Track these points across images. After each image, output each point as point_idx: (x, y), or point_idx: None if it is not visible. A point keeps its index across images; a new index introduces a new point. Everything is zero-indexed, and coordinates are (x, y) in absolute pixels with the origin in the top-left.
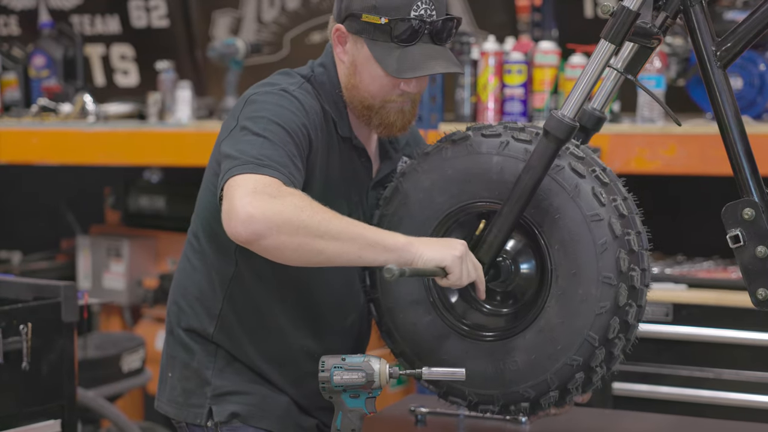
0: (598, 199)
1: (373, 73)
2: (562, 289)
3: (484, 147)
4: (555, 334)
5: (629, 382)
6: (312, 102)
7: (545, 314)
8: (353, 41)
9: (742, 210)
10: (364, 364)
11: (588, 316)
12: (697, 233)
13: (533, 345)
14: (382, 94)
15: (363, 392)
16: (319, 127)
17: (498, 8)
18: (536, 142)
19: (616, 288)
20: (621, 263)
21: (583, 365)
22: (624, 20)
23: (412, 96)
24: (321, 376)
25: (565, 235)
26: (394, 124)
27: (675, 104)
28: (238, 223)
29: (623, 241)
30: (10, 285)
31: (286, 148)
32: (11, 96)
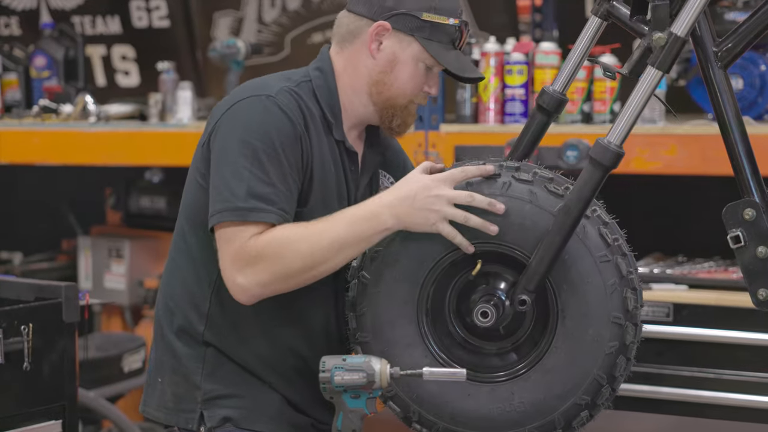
0: (604, 239)
1: (413, 72)
2: (570, 329)
3: (485, 189)
4: (563, 375)
5: (630, 383)
6: (296, 110)
7: (552, 355)
8: (398, 39)
9: (742, 210)
10: (365, 365)
11: (598, 356)
12: (697, 234)
13: (540, 385)
14: (412, 93)
15: (364, 393)
16: (313, 131)
17: (499, 9)
18: (537, 182)
19: (624, 328)
20: (628, 303)
21: (590, 404)
22: (672, 47)
23: (426, 100)
24: (322, 376)
25: (575, 277)
26: (408, 125)
27: (676, 105)
28: (236, 293)
29: (628, 280)
30: (11, 285)
31: (275, 174)
32: (12, 96)
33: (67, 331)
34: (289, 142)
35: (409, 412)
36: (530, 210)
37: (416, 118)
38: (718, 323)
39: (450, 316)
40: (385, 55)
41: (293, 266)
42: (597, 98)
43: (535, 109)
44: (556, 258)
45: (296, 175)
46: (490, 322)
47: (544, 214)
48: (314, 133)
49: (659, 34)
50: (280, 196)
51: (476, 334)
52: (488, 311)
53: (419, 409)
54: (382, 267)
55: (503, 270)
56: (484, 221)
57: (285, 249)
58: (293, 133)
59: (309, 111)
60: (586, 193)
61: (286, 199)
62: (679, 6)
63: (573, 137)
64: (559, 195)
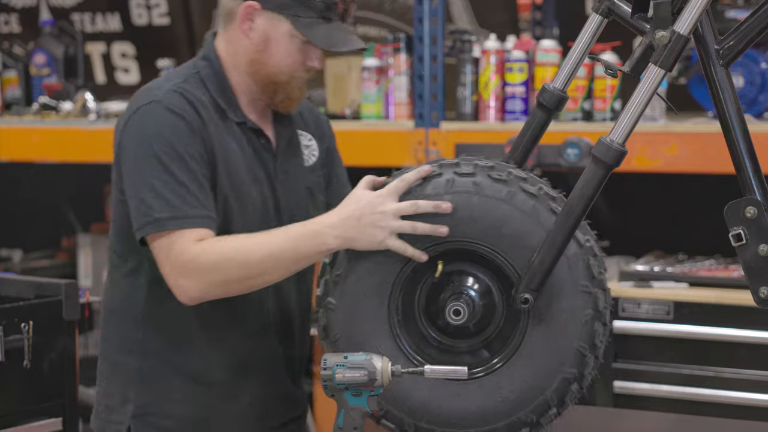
0: (555, 214)
1: (287, 48)
2: (542, 309)
3: (430, 190)
4: (546, 354)
5: (630, 381)
6: (185, 106)
7: (530, 339)
8: (268, 18)
9: (744, 208)
10: (366, 363)
11: (575, 327)
12: (698, 231)
13: (525, 370)
14: (291, 69)
15: (365, 390)
16: (208, 120)
17: (499, 6)
18: (479, 173)
19: (594, 294)
20: (593, 270)
21: (578, 376)
22: (675, 45)
23: (312, 73)
24: (323, 374)
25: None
26: (296, 99)
27: (677, 103)
28: (179, 296)
29: (587, 248)
30: (11, 283)
31: (185, 176)
32: (12, 94)
33: (67, 328)
34: (187, 140)
35: (404, 425)
36: (478, 201)
37: (304, 92)
38: (718, 321)
39: (422, 320)
40: (258, 34)
41: (229, 276)
42: (597, 96)
43: (536, 107)
44: (558, 256)
45: (205, 169)
46: (463, 319)
47: (492, 201)
48: (210, 122)
49: (662, 32)
50: (195, 195)
51: (450, 334)
52: (460, 309)
53: (413, 421)
54: (346, 289)
55: (466, 265)
56: (432, 226)
57: (221, 259)
58: (189, 129)
59: (200, 102)
60: (589, 192)
61: (201, 196)
62: (681, 4)
63: (573, 135)
64: (503, 180)
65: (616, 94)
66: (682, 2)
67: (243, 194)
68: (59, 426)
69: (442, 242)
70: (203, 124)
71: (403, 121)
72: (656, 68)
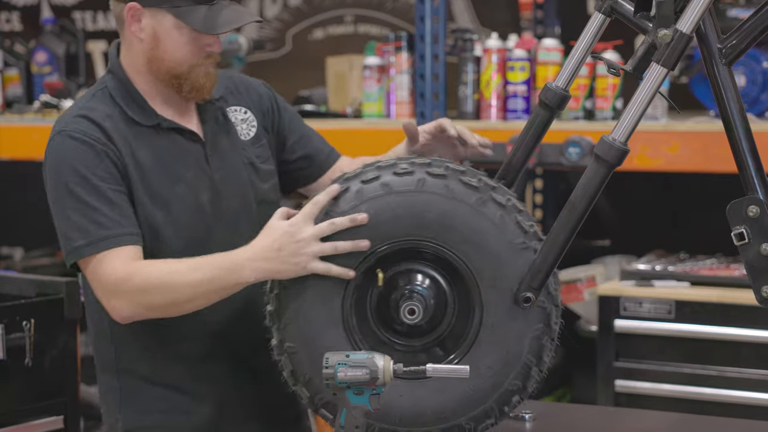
0: (521, 227)
1: (178, 40)
2: (495, 319)
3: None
4: (494, 363)
5: (632, 380)
6: (89, 129)
7: (480, 345)
8: (151, 15)
9: (746, 207)
10: (368, 361)
11: (524, 340)
12: (699, 230)
13: (473, 376)
14: (188, 59)
15: (367, 389)
16: (117, 135)
17: (500, 5)
18: (384, 173)
19: (547, 310)
20: (549, 285)
21: (521, 388)
22: (678, 44)
23: (215, 58)
24: (325, 372)
25: (495, 266)
26: (204, 87)
27: (678, 101)
28: (113, 315)
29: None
30: (12, 281)
31: (95, 199)
32: (13, 92)
33: (69, 326)
34: (93, 163)
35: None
36: (394, 199)
37: (213, 76)
38: (720, 320)
39: (378, 327)
40: (147, 34)
41: (156, 301)
42: (599, 95)
43: (538, 106)
44: (560, 255)
45: (119, 185)
46: (418, 317)
47: (408, 195)
48: (118, 135)
49: (664, 31)
50: (108, 216)
51: (404, 334)
52: (415, 308)
53: (375, 422)
54: (300, 328)
55: (410, 264)
56: (353, 242)
57: (146, 285)
58: (93, 152)
59: (107, 117)
60: (591, 190)
61: (116, 216)
62: (683, 2)
63: (575, 134)
64: (409, 172)
65: (617, 93)
66: (685, 1)
67: (164, 197)
68: (60, 424)
69: (372, 251)
70: (109, 140)
71: (404, 119)
72: (659, 67)
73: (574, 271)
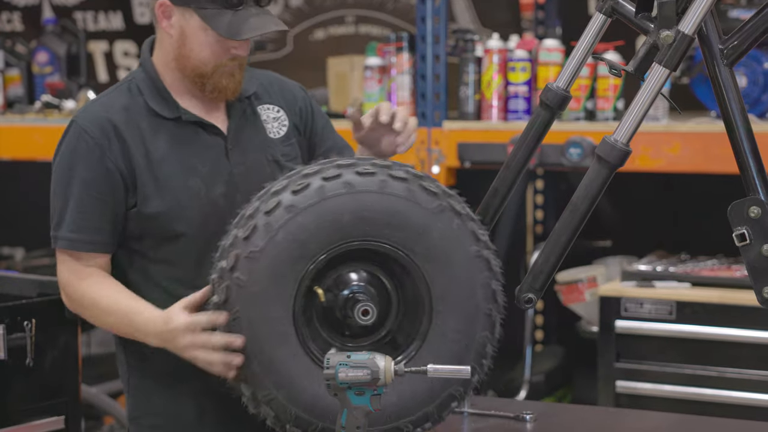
0: (475, 235)
1: (203, 40)
2: (445, 323)
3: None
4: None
5: (632, 381)
6: (99, 122)
7: (426, 349)
8: (180, 13)
9: (748, 208)
10: (369, 362)
11: (471, 347)
12: (700, 231)
13: (418, 380)
14: (213, 59)
15: (368, 389)
16: (128, 129)
17: (501, 6)
18: (285, 193)
19: (493, 319)
20: (497, 296)
21: (462, 394)
22: (680, 45)
23: (241, 61)
24: (326, 373)
25: (449, 275)
26: (226, 88)
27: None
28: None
29: (496, 272)
30: (13, 281)
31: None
32: (14, 92)
33: (70, 327)
34: (86, 160)
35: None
36: (302, 219)
37: (237, 79)
38: (721, 321)
39: (327, 334)
40: (176, 31)
41: (87, 317)
42: (600, 96)
43: (539, 106)
44: (562, 255)
45: (99, 192)
46: (373, 318)
47: (317, 207)
48: (134, 128)
49: (666, 31)
50: (76, 218)
51: (352, 335)
52: (369, 308)
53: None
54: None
55: (346, 267)
56: (227, 340)
57: (79, 303)
58: (88, 150)
59: (125, 110)
60: (593, 191)
61: (82, 219)
62: (685, 3)
63: (576, 134)
64: (303, 188)
65: (618, 94)
66: (687, 2)
67: (173, 189)
68: (61, 424)
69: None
70: (115, 135)
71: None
72: (660, 68)
73: (576, 272)
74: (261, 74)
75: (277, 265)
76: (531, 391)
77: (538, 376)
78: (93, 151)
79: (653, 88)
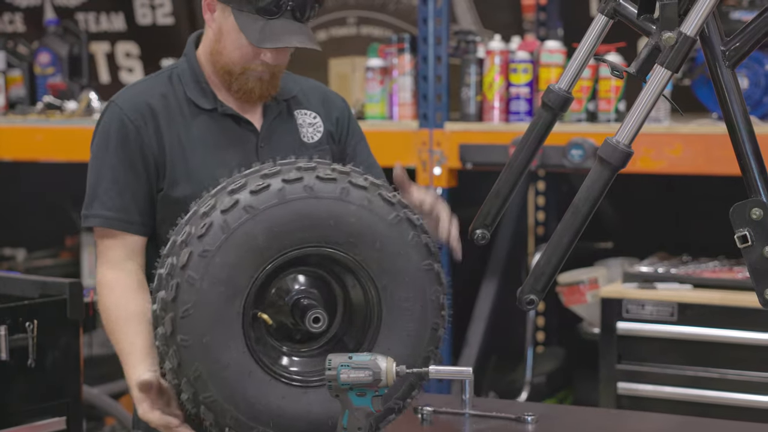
0: (428, 248)
1: (236, 41)
2: (392, 334)
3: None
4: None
5: (634, 382)
6: (137, 106)
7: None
8: (221, 9)
9: (750, 210)
10: (371, 363)
11: (417, 361)
12: (702, 233)
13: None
14: (243, 61)
15: (369, 390)
16: (164, 117)
17: (503, 7)
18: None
19: (440, 333)
20: (444, 310)
21: (402, 406)
22: (682, 47)
23: (271, 68)
24: (328, 374)
25: (400, 286)
26: (252, 90)
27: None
28: None
29: (445, 286)
30: (15, 282)
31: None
32: (16, 93)
33: (72, 327)
34: (123, 139)
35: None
36: (259, 221)
37: (274, 88)
38: (722, 323)
39: (277, 343)
40: (216, 26)
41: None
42: (602, 97)
43: (541, 108)
44: (564, 257)
45: (138, 167)
46: (324, 325)
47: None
48: (169, 115)
49: (669, 33)
50: (109, 194)
51: (301, 340)
52: (320, 316)
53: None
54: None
55: (297, 271)
56: (166, 420)
57: (99, 304)
58: (123, 131)
59: (163, 97)
60: (595, 193)
61: (116, 197)
62: (687, 5)
63: (578, 136)
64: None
65: (620, 96)
66: (689, 3)
67: (201, 178)
68: (63, 425)
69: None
70: (152, 116)
71: (407, 121)
72: (663, 69)
73: (577, 273)
74: (305, 81)
75: (231, 265)
76: (532, 393)
77: (539, 377)
78: (130, 131)
79: (655, 90)
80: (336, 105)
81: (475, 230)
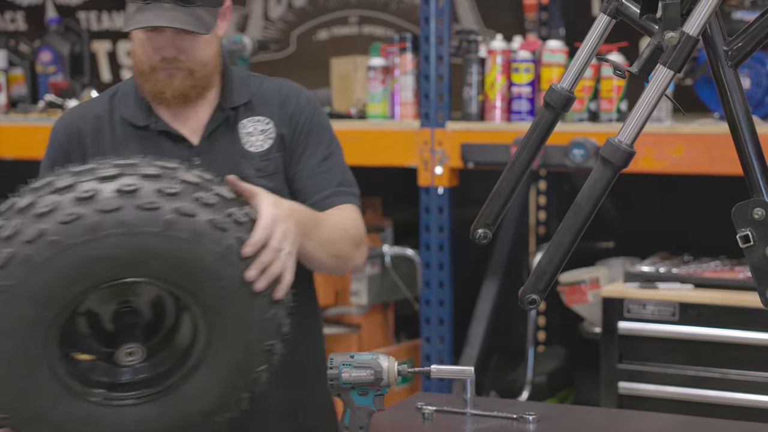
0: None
1: (139, 41)
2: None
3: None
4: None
5: (635, 382)
6: (68, 126)
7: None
8: None
9: (752, 210)
10: (372, 362)
11: (246, 379)
12: (703, 233)
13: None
14: (144, 58)
15: (371, 389)
16: (94, 134)
17: (505, 7)
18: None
19: (273, 352)
20: (282, 327)
21: (229, 421)
22: (685, 47)
23: (178, 63)
24: (330, 373)
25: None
26: (162, 91)
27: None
28: None
29: (283, 304)
30: None
31: None
32: (18, 92)
33: None
34: (51, 162)
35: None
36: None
37: (192, 89)
38: (724, 323)
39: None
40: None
41: None
42: (604, 97)
43: (543, 107)
44: (566, 256)
45: None
46: (141, 358)
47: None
48: (99, 136)
49: (671, 33)
50: None
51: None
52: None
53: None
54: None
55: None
56: None
57: None
58: (53, 153)
59: (97, 119)
60: (597, 192)
61: None
62: (690, 5)
63: (579, 136)
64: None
65: (622, 95)
66: (691, 3)
67: None
68: None
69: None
70: (79, 142)
71: (408, 120)
72: (665, 69)
73: (578, 273)
74: (269, 82)
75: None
76: (533, 392)
77: (540, 377)
78: (59, 154)
79: (657, 90)
80: (293, 103)
81: (477, 230)
